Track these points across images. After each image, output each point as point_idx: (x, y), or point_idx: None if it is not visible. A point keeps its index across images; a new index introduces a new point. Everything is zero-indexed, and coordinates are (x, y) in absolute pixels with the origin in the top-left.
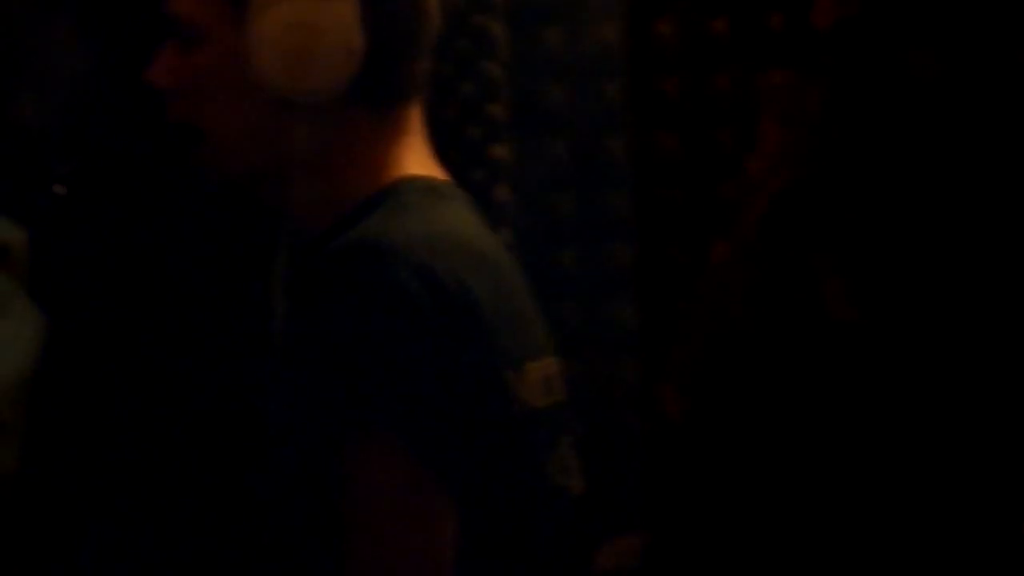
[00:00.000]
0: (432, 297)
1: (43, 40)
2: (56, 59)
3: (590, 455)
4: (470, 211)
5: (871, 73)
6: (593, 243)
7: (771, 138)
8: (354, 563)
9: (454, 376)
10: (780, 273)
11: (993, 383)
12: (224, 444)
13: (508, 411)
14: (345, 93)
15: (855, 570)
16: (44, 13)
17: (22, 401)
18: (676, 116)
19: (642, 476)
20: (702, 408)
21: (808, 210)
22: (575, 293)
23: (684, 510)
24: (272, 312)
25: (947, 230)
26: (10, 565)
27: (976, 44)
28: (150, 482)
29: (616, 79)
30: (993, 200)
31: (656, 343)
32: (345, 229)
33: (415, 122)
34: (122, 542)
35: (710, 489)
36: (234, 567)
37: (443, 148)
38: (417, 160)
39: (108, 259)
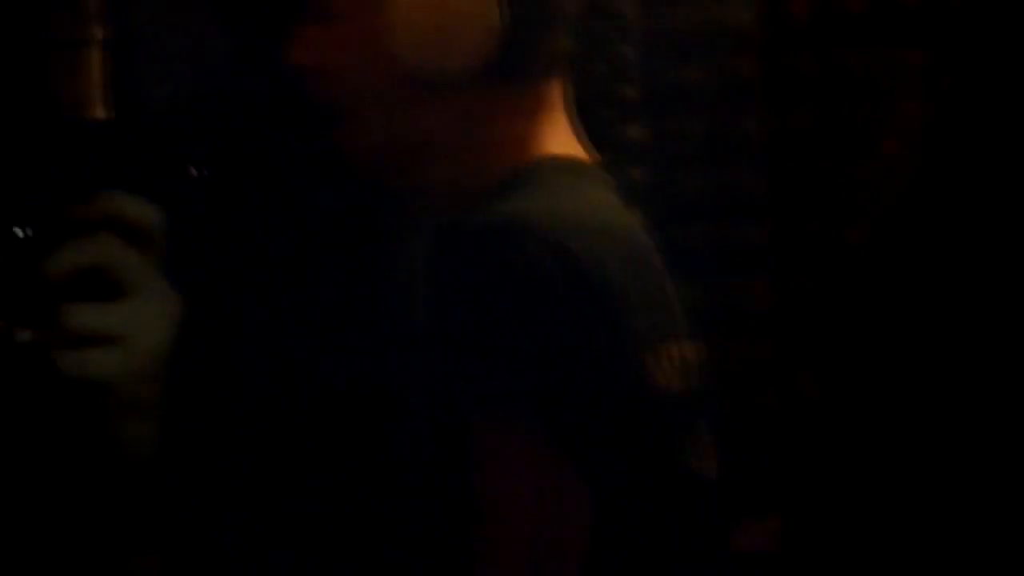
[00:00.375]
0: (566, 275)
1: (178, 20)
2: (191, 39)
3: (726, 436)
4: (609, 191)
5: (1011, 51)
6: (727, 222)
7: (909, 117)
8: (486, 543)
9: (587, 356)
10: (920, 256)
11: None
12: (359, 424)
13: (643, 393)
14: (483, 71)
15: (995, 552)
16: None
17: (159, 380)
18: (810, 94)
19: (779, 457)
20: (841, 390)
21: (946, 195)
22: (709, 273)
23: (822, 491)
24: (411, 293)
25: None
26: (147, 541)
27: None
28: (282, 462)
29: (749, 57)
30: None
31: (791, 323)
32: (484, 208)
33: (557, 100)
34: (254, 522)
35: (848, 471)
36: (367, 547)
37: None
38: (558, 139)
39: (243, 240)
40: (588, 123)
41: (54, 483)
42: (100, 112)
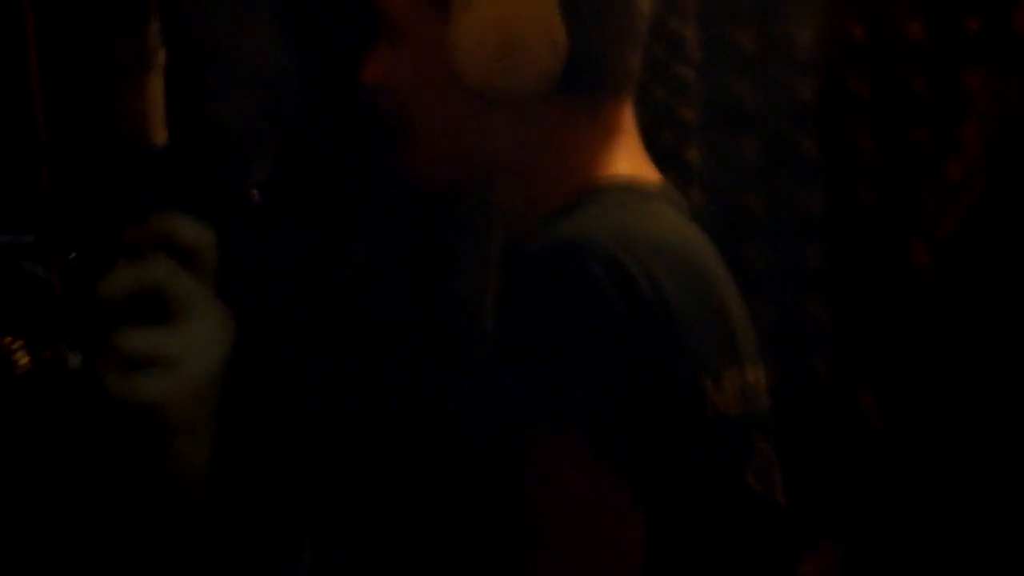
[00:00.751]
0: (623, 295)
1: (241, 40)
2: (254, 59)
3: (787, 460)
4: (678, 212)
5: None
6: (785, 244)
7: (973, 141)
8: (540, 559)
9: (643, 375)
10: (983, 280)
11: None
12: (417, 440)
13: (702, 416)
14: (550, 89)
15: None
16: (242, 12)
17: (211, 401)
18: (870, 116)
19: (842, 482)
20: (904, 415)
21: (1010, 221)
22: (767, 294)
23: (886, 517)
24: (476, 311)
25: None
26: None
27: None
28: (338, 478)
29: (809, 79)
30: None
31: (850, 345)
32: (548, 229)
33: (626, 118)
34: (306, 542)
35: (912, 497)
36: (423, 557)
37: None
38: (627, 158)
39: (305, 261)
40: (649, 147)
41: (107, 505)
42: (160, 133)
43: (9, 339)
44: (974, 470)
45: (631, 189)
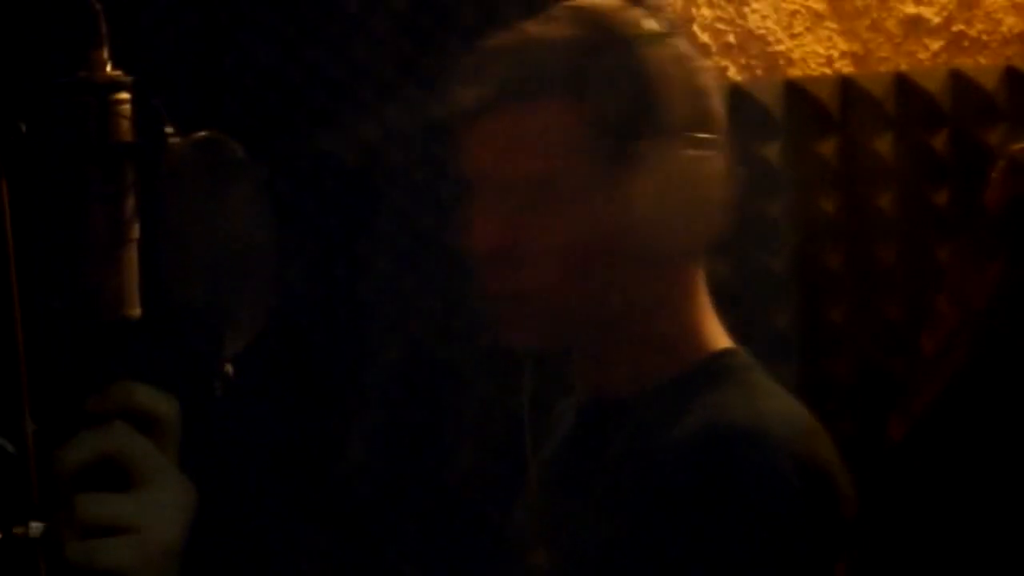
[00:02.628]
0: (809, 488)
1: (218, 217)
2: (231, 237)
3: None
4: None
5: None
6: None
7: (944, 317)
8: None
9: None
10: (957, 459)
11: None
12: None
13: None
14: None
15: None
16: (220, 190)
17: (173, 570)
18: (841, 289)
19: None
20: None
21: (984, 396)
22: None
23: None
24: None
25: None
26: None
27: None
28: None
29: (781, 253)
30: None
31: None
32: (682, 399)
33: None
34: None
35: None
36: None
37: None
38: (720, 328)
39: (281, 440)
40: None
41: None
42: (134, 309)
43: None
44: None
45: (745, 365)
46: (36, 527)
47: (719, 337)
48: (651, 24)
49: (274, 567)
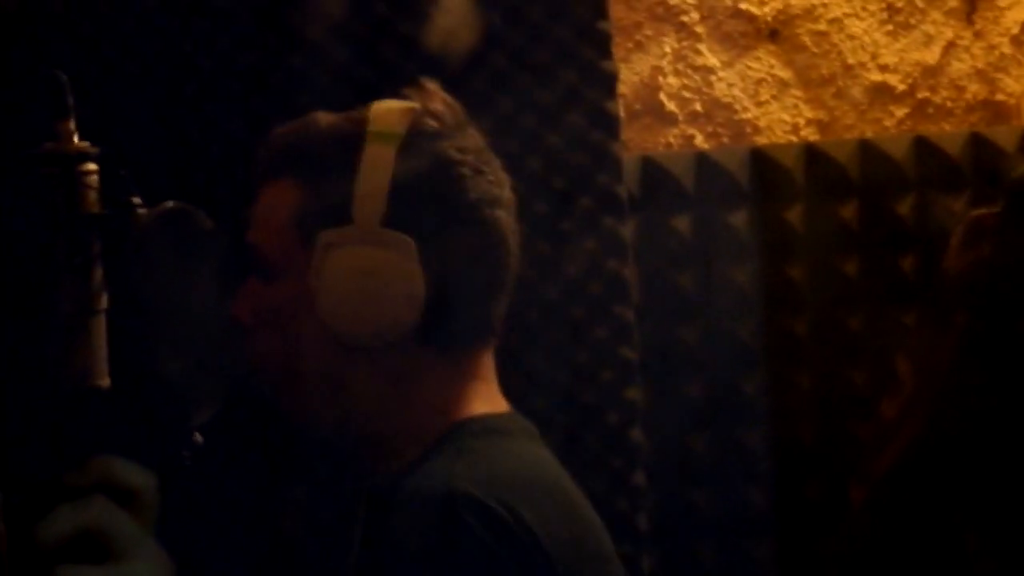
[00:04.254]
0: (496, 541)
1: (184, 289)
2: (198, 309)
3: None
4: (534, 443)
5: (1007, 318)
6: (728, 484)
7: (905, 381)
8: None
9: None
10: (915, 523)
11: None
12: None
13: None
14: (410, 337)
15: None
16: (185, 264)
17: None
18: (809, 355)
19: None
20: None
21: (943, 461)
22: (711, 536)
23: None
24: (348, 546)
25: None
26: None
27: None
28: None
29: (748, 320)
30: None
31: None
32: (413, 476)
33: (484, 366)
34: None
35: None
36: None
37: (577, 391)
38: (482, 397)
39: (245, 505)
40: (589, 385)
41: None
42: (103, 379)
43: None
44: None
45: (486, 429)
46: None
47: (470, 408)
48: (399, 125)
49: None
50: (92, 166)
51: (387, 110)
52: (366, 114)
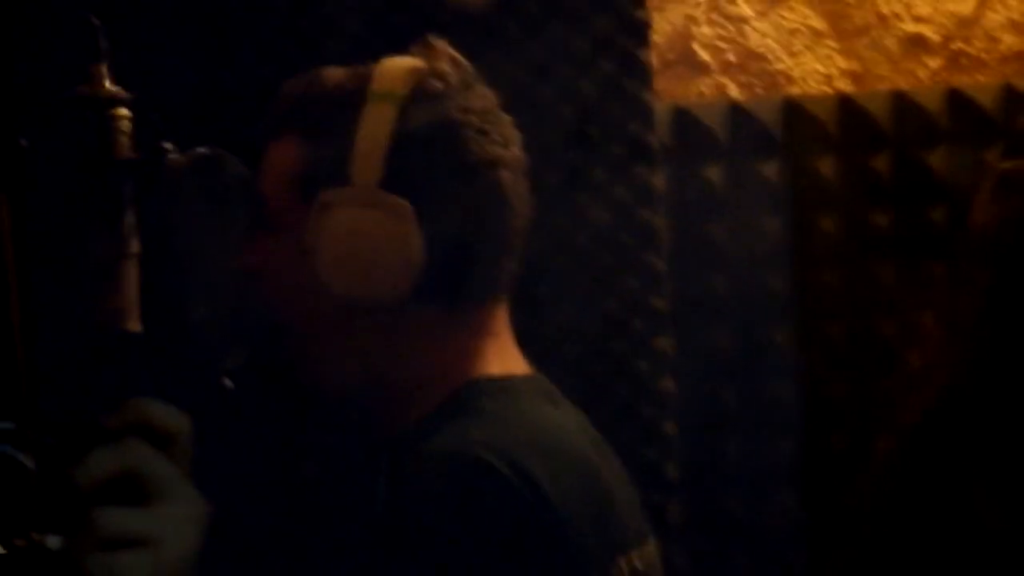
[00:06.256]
0: (505, 505)
1: (215, 234)
2: (227, 254)
3: None
4: (549, 404)
5: None
6: (757, 435)
7: (932, 334)
8: None
9: None
10: (935, 476)
11: None
12: None
13: None
14: (410, 296)
15: None
16: (217, 202)
17: None
18: (840, 306)
19: None
20: None
21: (967, 414)
22: (740, 486)
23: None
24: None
25: None
26: None
27: None
28: None
29: (780, 271)
30: None
31: (823, 531)
32: (425, 432)
33: (495, 320)
34: None
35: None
36: None
37: (607, 340)
38: (496, 357)
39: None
40: (620, 335)
41: None
42: (135, 323)
43: None
44: None
45: (501, 389)
46: (54, 541)
47: (485, 368)
48: (401, 85)
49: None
50: (124, 111)
51: (390, 69)
52: (371, 72)
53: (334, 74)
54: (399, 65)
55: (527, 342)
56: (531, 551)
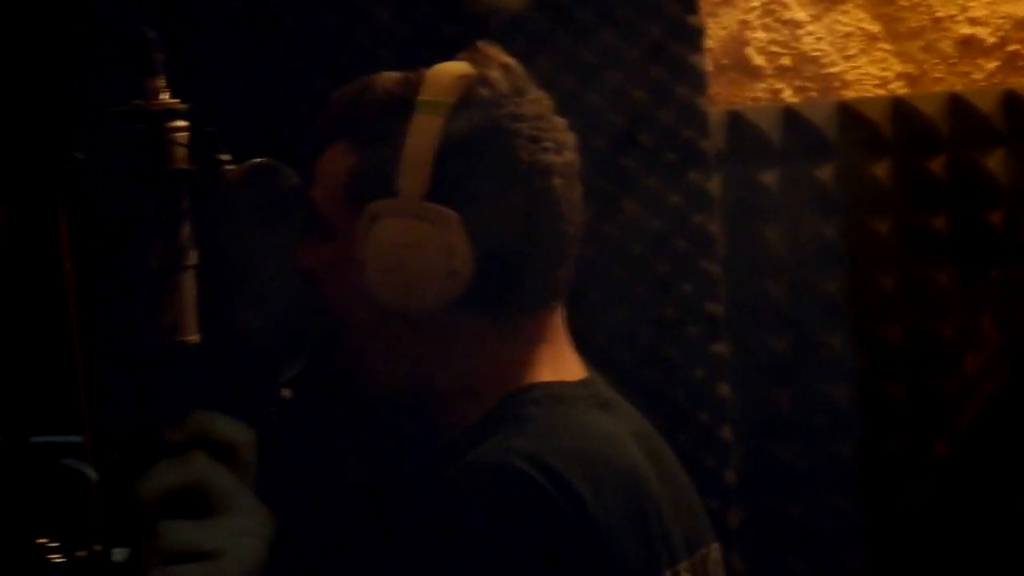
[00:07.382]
0: (545, 517)
1: (272, 245)
2: (283, 264)
3: None
4: (601, 412)
5: None
6: (814, 438)
7: (987, 337)
8: None
9: None
10: (991, 479)
11: None
12: None
13: None
14: (458, 305)
15: None
16: (273, 212)
17: None
18: (896, 310)
19: None
20: None
21: (1020, 417)
22: (798, 491)
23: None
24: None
25: None
26: None
27: None
28: None
29: (835, 274)
30: None
31: (881, 534)
32: (470, 440)
33: (548, 328)
34: None
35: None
36: None
37: (663, 346)
38: (546, 364)
39: (325, 456)
40: (676, 339)
41: None
42: (193, 335)
43: (44, 540)
44: None
45: (551, 396)
46: (120, 553)
47: (533, 374)
48: (449, 94)
49: None
50: (180, 123)
51: (439, 77)
52: (420, 78)
53: (384, 81)
54: (448, 72)
55: (582, 350)
56: (568, 563)
